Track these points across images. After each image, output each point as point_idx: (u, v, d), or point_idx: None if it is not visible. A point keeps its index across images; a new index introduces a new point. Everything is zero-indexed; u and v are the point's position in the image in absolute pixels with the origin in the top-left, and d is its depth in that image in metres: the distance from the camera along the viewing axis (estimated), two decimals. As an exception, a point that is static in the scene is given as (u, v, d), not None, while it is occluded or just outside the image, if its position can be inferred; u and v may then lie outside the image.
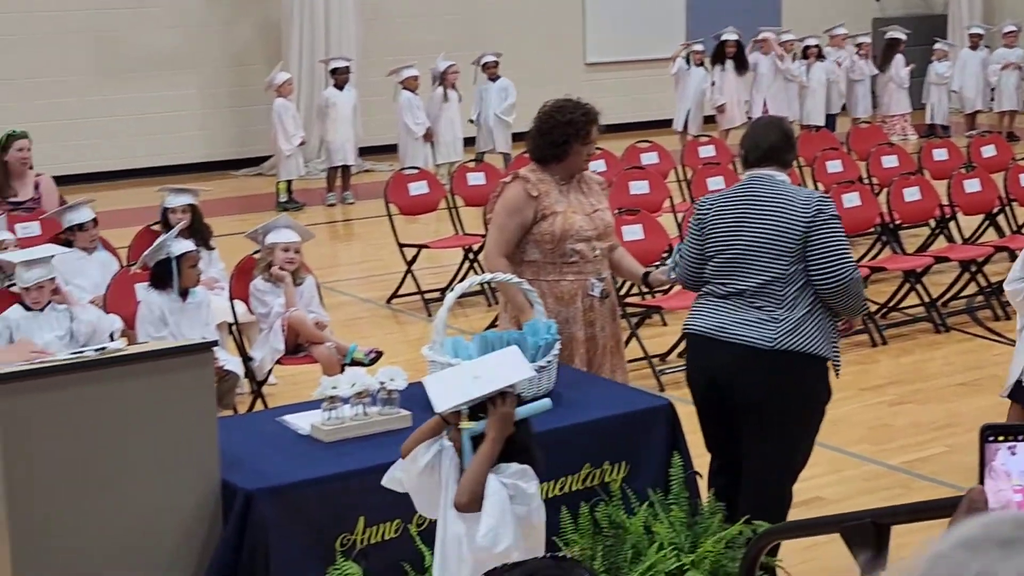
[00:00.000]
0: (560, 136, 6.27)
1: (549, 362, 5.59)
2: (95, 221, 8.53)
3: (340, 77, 15.45)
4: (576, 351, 6.35)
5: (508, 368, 4.34)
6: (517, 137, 13.36)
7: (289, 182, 15.37)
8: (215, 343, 5.28)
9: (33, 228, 9.15)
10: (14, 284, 7.30)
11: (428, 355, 5.59)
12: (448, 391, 4.32)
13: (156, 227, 8.94)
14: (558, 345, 5.67)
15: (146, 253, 7.66)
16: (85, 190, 10.24)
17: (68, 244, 8.24)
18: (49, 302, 7.21)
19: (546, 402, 4.40)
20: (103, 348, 5.04)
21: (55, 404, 4.72)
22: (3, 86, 15.16)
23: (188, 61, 16.69)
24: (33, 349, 5.04)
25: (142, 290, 7.67)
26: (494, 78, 16.26)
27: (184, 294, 7.49)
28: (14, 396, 4.65)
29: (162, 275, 7.48)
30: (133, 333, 7.58)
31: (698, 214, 5.91)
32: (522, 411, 4.25)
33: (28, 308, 7.12)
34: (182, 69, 16.63)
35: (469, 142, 16.15)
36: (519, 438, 4.24)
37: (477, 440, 4.21)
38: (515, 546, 4.12)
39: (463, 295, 5.95)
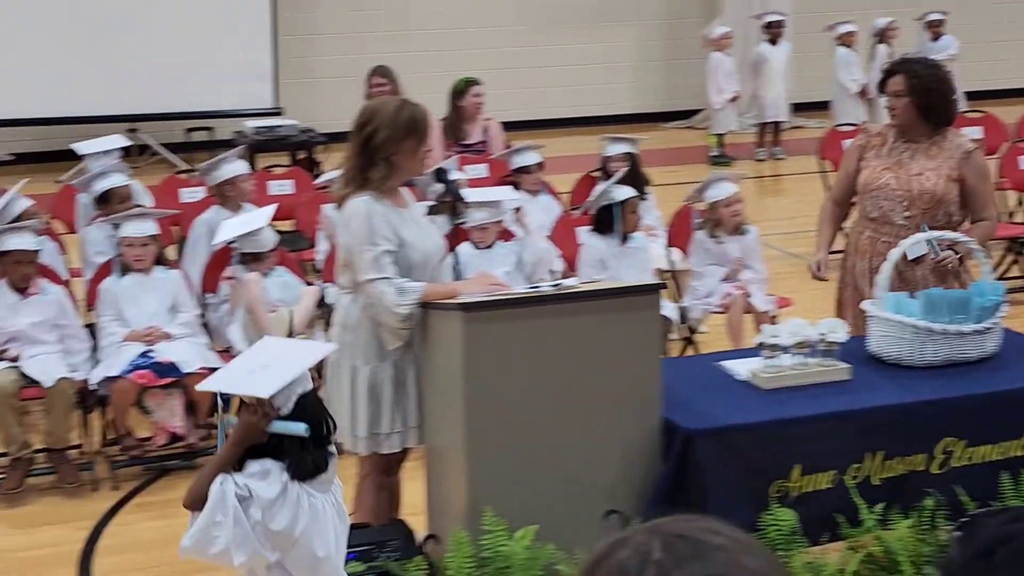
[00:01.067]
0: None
1: (995, 323, 5.49)
2: (540, 165, 8.88)
3: (774, 31, 15.38)
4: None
5: (283, 369, 4.03)
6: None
7: (720, 136, 15.45)
8: (663, 285, 5.44)
9: (481, 170, 9.59)
10: (465, 222, 7.69)
11: (869, 310, 5.59)
12: (228, 373, 4.17)
13: (595, 174, 9.21)
14: (1005, 308, 5.55)
15: (590, 199, 7.92)
16: (527, 136, 10.62)
17: (515, 186, 8.60)
18: (494, 241, 7.59)
19: (300, 427, 4.00)
20: (558, 284, 5.29)
21: (512, 334, 5.01)
22: (457, 34, 15.86)
23: (627, 13, 16.99)
24: (492, 282, 5.33)
25: (584, 234, 7.95)
26: (936, 37, 15.81)
27: (625, 239, 7.72)
28: (476, 324, 4.96)
29: (604, 220, 7.73)
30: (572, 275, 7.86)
31: None
32: (275, 426, 3.99)
33: (475, 246, 7.51)
34: (621, 21, 16.95)
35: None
36: (275, 444, 4.00)
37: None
38: (243, 557, 3.96)
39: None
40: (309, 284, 7.83)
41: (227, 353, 7.33)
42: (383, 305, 5.11)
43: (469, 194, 6.15)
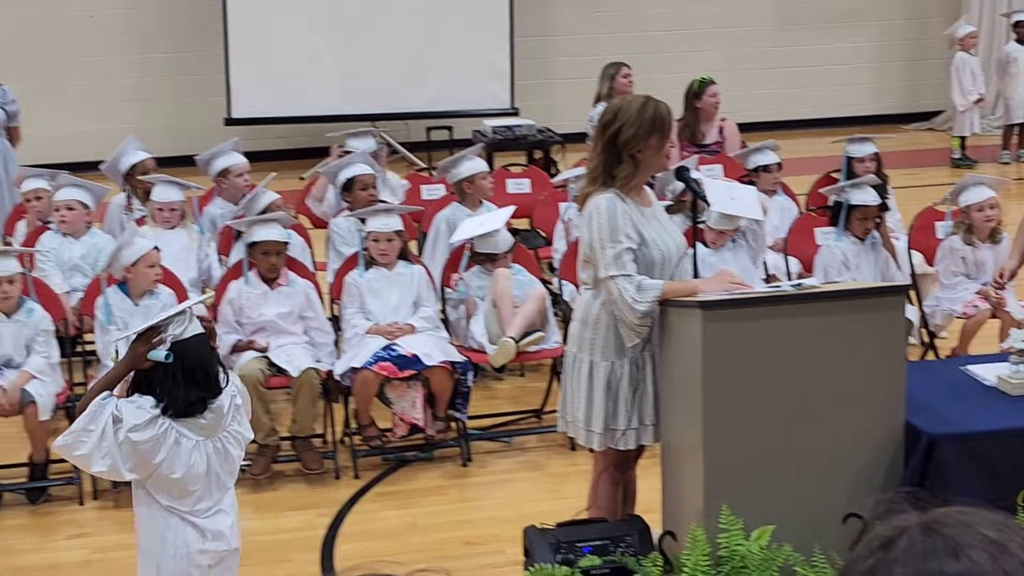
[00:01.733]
0: None
1: None
2: (779, 165, 8.80)
3: (1022, 31, 14.92)
4: None
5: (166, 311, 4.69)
6: None
7: (963, 138, 15.05)
8: (909, 286, 5.34)
9: (716, 170, 9.54)
10: (703, 222, 7.68)
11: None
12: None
13: (835, 175, 9.09)
14: None
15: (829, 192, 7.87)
16: (759, 137, 10.52)
17: (751, 184, 8.53)
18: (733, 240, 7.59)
19: (161, 354, 4.46)
20: (799, 284, 5.25)
21: (752, 333, 4.99)
22: (693, 34, 15.79)
23: (869, 13, 16.68)
24: (733, 280, 5.32)
25: (822, 235, 7.86)
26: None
27: (863, 240, 7.62)
28: (715, 322, 4.96)
29: (838, 218, 7.67)
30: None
31: None
32: (150, 355, 4.46)
33: (706, 245, 7.48)
34: (863, 21, 16.64)
35: None
36: (153, 376, 4.48)
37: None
38: (102, 467, 4.48)
39: None
40: (546, 283, 7.92)
41: (465, 347, 7.48)
42: (623, 302, 5.14)
43: (712, 196, 6.13)
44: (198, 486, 4.60)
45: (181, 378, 4.49)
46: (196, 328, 4.57)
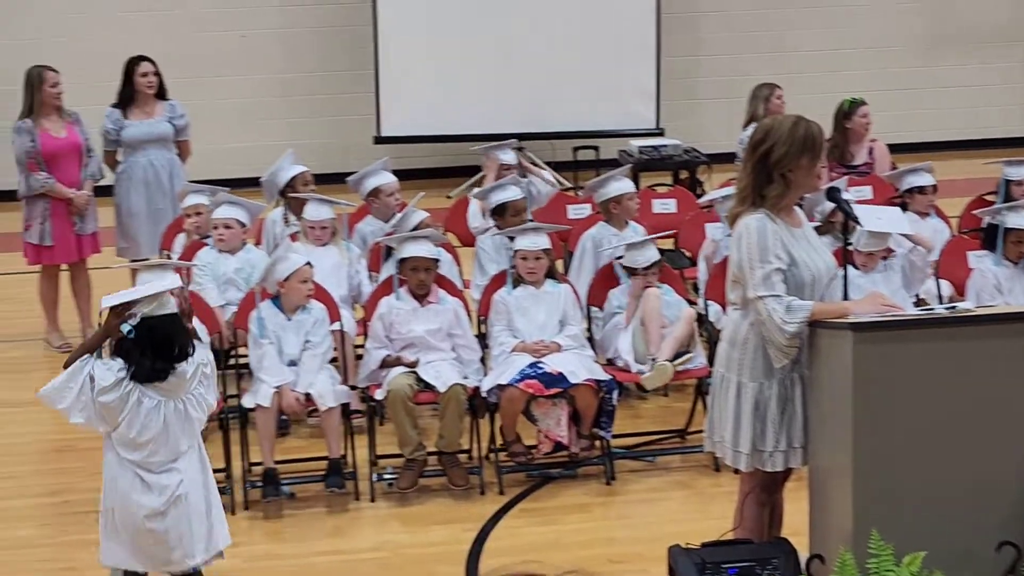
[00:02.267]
0: None
1: None
2: (934, 187, 8.67)
3: None
4: None
5: (137, 291, 5.39)
6: None
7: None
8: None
9: (866, 191, 9.43)
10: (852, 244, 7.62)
11: None
12: (119, 294, 5.37)
13: (989, 197, 8.95)
14: None
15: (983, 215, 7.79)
16: (906, 158, 10.38)
17: (903, 207, 8.43)
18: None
19: (126, 327, 5.21)
20: (953, 307, 5.19)
21: (904, 356, 4.95)
22: (841, 55, 15.63)
23: (1020, 33, 16.37)
24: (884, 302, 5.27)
25: (974, 258, 7.76)
26: None
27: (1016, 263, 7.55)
28: (866, 344, 4.92)
29: (991, 240, 7.57)
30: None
31: None
32: (122, 327, 5.23)
33: (856, 267, 7.41)
34: (1013, 41, 16.33)
35: None
36: (124, 344, 5.24)
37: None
38: (78, 419, 5.26)
39: None
40: (691, 303, 7.92)
41: (611, 365, 7.50)
42: (771, 323, 5.13)
43: (864, 217, 6.08)
44: (152, 443, 5.31)
45: (149, 348, 5.24)
46: (169, 308, 5.30)
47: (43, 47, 13.11)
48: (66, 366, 5.33)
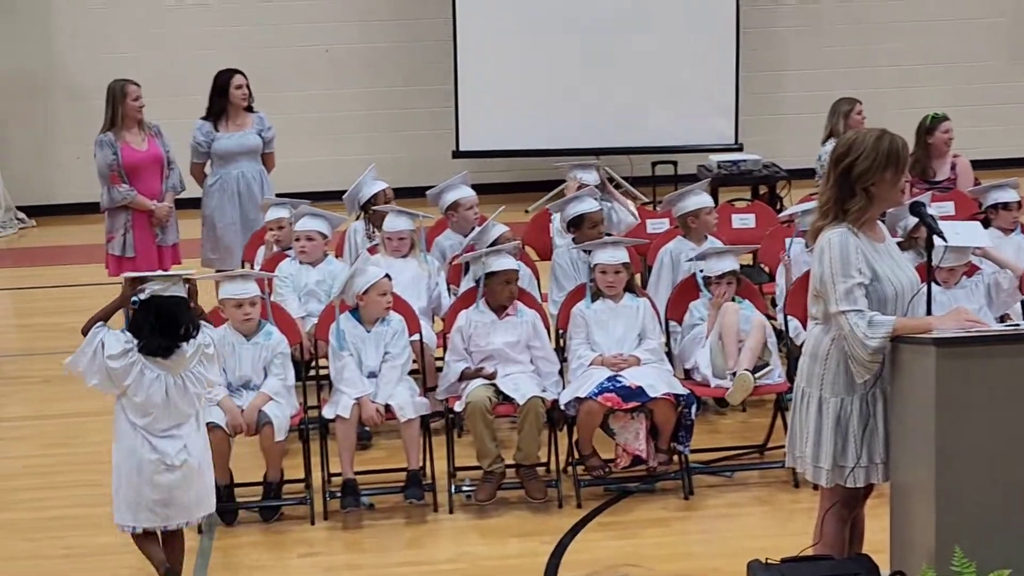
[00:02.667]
0: None
1: None
2: (1019, 203, 8.57)
3: None
4: None
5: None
6: None
7: None
8: None
9: (948, 207, 9.34)
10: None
11: None
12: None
13: (1074, 213, 8.84)
14: None
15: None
16: (998, 175, 10.25)
17: (986, 223, 8.35)
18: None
19: (135, 301, 5.88)
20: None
21: (988, 371, 4.92)
22: (923, 69, 15.50)
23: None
24: (968, 317, 5.23)
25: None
26: None
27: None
28: (950, 360, 4.90)
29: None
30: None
31: None
32: (132, 301, 5.87)
33: (938, 284, 7.34)
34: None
35: None
36: (137, 318, 5.87)
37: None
38: (94, 381, 5.87)
39: None
40: (770, 318, 7.88)
41: (689, 379, 7.49)
42: (853, 337, 5.10)
43: (948, 233, 6.03)
44: (155, 410, 5.89)
45: (155, 325, 5.83)
46: (179, 291, 5.88)
47: (126, 61, 13.33)
48: (83, 332, 5.93)
